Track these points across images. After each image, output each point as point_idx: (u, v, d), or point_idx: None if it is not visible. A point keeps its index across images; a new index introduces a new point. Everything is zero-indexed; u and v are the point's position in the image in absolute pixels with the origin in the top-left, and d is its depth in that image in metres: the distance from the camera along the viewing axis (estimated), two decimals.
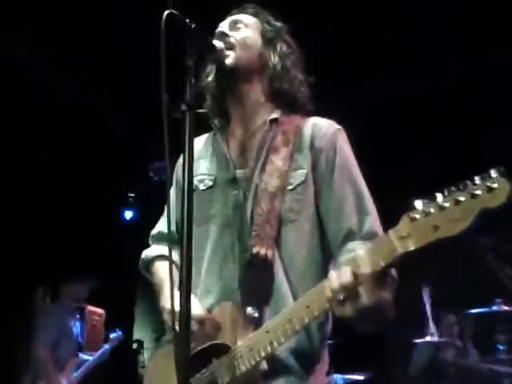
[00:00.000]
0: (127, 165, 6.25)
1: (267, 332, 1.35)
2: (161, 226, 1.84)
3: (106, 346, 5.03)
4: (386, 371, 5.84)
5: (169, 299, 1.26)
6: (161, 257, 1.74)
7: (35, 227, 5.57)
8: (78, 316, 5.03)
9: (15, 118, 5.12)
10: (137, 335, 7.36)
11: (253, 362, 1.36)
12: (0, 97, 4.76)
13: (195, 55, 1.39)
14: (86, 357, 4.92)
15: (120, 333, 5.19)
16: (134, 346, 7.23)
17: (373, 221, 1.50)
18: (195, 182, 1.63)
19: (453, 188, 1.08)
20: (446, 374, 5.15)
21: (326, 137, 1.58)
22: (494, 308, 4.72)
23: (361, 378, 4.89)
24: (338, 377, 4.76)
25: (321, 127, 1.61)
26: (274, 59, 1.64)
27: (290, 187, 1.53)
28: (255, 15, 1.72)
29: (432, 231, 1.09)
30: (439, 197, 1.09)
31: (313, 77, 1.71)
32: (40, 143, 5.46)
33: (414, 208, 1.12)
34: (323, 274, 1.43)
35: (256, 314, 1.44)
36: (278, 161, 1.55)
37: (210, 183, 1.64)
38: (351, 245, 1.46)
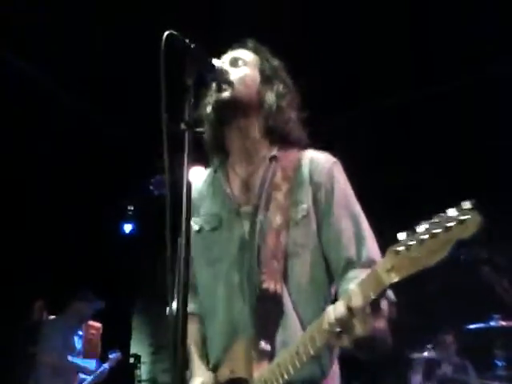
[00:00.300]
0: (127, 178, 6.28)
1: (278, 366, 1.42)
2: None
3: (105, 366, 5.06)
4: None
5: None
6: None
7: (33, 240, 5.58)
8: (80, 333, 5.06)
9: (17, 129, 5.15)
10: (134, 349, 7.33)
11: None
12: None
13: (195, 74, 1.42)
14: (84, 376, 4.95)
15: (119, 353, 5.22)
16: (131, 360, 7.20)
17: (370, 248, 1.56)
18: (200, 222, 1.70)
19: (430, 220, 1.15)
20: None
21: (323, 171, 1.63)
22: (492, 323, 4.72)
23: None
24: None
25: (318, 162, 1.66)
26: (271, 98, 1.68)
27: (293, 222, 1.58)
28: (255, 52, 1.76)
29: (413, 263, 1.17)
30: (418, 229, 1.16)
31: (307, 113, 1.76)
32: (40, 155, 5.48)
33: (397, 241, 1.20)
34: (329, 302, 1.51)
35: (268, 347, 1.49)
36: (280, 197, 1.61)
37: (216, 223, 1.67)
38: (351, 273, 1.53)
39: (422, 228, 1.16)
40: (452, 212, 1.12)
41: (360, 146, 4.80)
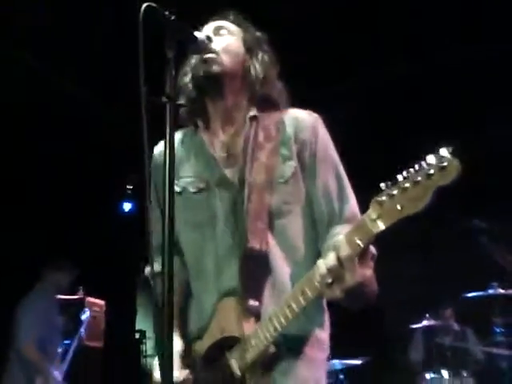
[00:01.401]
0: (125, 157, 6.27)
1: (270, 319, 1.46)
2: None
3: (81, 330, 4.89)
4: (383, 356, 5.89)
5: None
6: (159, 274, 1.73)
7: (32, 220, 5.61)
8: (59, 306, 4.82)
9: (16, 114, 5.14)
10: (139, 325, 7.43)
11: (261, 347, 1.47)
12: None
13: (175, 47, 1.41)
14: (68, 342, 4.81)
15: (88, 312, 4.99)
16: (137, 335, 7.30)
17: (352, 205, 1.62)
18: (182, 184, 1.68)
19: (411, 169, 1.19)
20: (444, 358, 5.21)
21: (308, 128, 1.65)
22: (491, 291, 4.76)
23: (359, 362, 4.95)
24: (336, 362, 4.82)
25: (302, 119, 1.67)
26: (256, 67, 1.69)
27: (281, 180, 1.59)
28: (237, 23, 1.75)
29: (398, 211, 1.21)
30: (400, 178, 1.20)
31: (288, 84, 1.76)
32: (37, 136, 5.48)
33: (380, 191, 1.24)
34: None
35: (256, 304, 1.53)
36: (264, 157, 1.61)
37: (202, 185, 1.67)
38: (335, 229, 1.57)
39: (403, 176, 1.20)
40: (431, 159, 1.15)
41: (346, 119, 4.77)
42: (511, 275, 4.73)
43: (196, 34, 1.55)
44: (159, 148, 1.74)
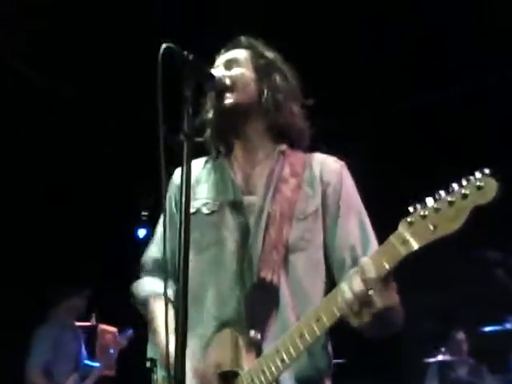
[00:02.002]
0: (140, 183, 6.33)
1: (277, 351, 1.38)
2: (153, 253, 1.83)
3: (111, 351, 4.88)
4: None
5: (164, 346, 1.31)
6: (157, 296, 1.69)
7: (47, 246, 5.64)
8: (77, 331, 4.86)
9: (28, 136, 5.22)
10: (150, 354, 7.36)
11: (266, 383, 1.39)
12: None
13: (193, 85, 1.44)
14: (90, 364, 4.79)
15: (130, 331, 4.97)
16: (148, 364, 7.23)
17: (374, 249, 1.55)
18: (197, 205, 1.66)
19: (441, 192, 1.15)
20: None
21: (333, 171, 1.66)
22: (508, 326, 4.68)
23: None
24: None
25: (328, 162, 1.69)
26: (267, 94, 1.68)
27: (301, 216, 1.58)
28: (248, 48, 1.76)
29: (431, 231, 1.16)
30: (430, 201, 1.16)
31: (311, 102, 1.75)
32: (54, 158, 5.53)
33: (408, 213, 1.19)
34: None
35: (258, 337, 1.46)
36: (288, 191, 1.61)
37: (215, 208, 1.65)
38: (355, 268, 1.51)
39: (433, 198, 1.16)
40: (465, 181, 1.12)
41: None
42: None
43: (213, 72, 1.60)
44: (178, 172, 1.74)
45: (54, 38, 4.41)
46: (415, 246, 1.18)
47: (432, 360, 5.29)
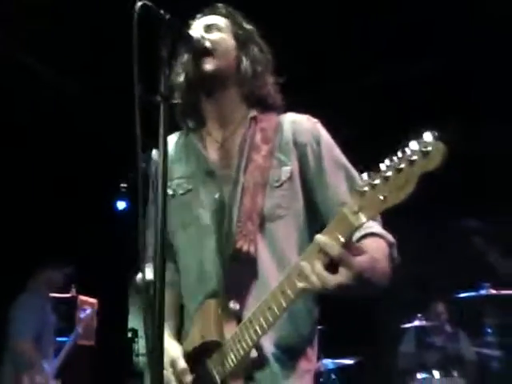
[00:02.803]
0: (119, 155, 6.26)
1: (250, 322, 1.40)
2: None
3: (78, 329, 4.93)
4: (375, 356, 5.91)
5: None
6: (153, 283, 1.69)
7: (25, 219, 5.58)
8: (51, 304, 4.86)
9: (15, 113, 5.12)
10: (131, 324, 7.41)
11: (242, 353, 1.42)
12: None
13: (169, 45, 1.40)
14: (63, 339, 4.84)
15: (89, 310, 5.07)
16: (129, 334, 7.28)
17: None
18: (173, 186, 1.66)
19: (393, 157, 1.13)
20: (436, 358, 5.23)
21: (307, 131, 1.62)
22: (483, 292, 4.79)
23: (351, 362, 4.96)
24: (328, 362, 4.83)
25: (300, 123, 1.65)
26: (246, 63, 1.66)
27: (276, 184, 1.56)
28: (227, 17, 1.73)
29: (381, 202, 1.15)
30: (382, 167, 1.14)
31: (283, 78, 1.73)
32: (30, 134, 5.46)
33: (361, 181, 1.18)
34: None
35: (237, 307, 1.48)
36: (260, 159, 1.58)
37: (190, 186, 1.65)
38: None
39: (385, 165, 1.14)
40: (414, 145, 1.09)
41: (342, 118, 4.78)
42: (503, 276, 4.76)
43: (191, 32, 1.56)
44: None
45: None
46: (363, 218, 1.18)
47: (409, 325, 5.40)
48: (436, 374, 5.02)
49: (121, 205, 7.17)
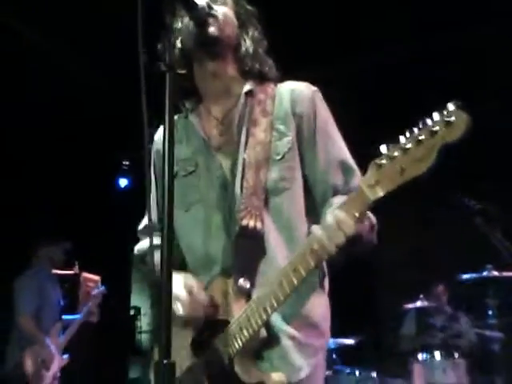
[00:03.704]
0: (122, 133, 6.23)
1: (260, 300, 1.38)
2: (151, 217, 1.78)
3: (89, 304, 4.93)
4: (377, 336, 5.94)
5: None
6: (157, 247, 1.69)
7: (28, 196, 5.58)
8: (56, 279, 4.91)
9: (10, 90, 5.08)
10: (134, 301, 7.45)
11: (251, 331, 1.39)
12: None
13: (174, 12, 1.38)
14: (70, 317, 4.86)
15: (102, 288, 5.07)
16: (132, 312, 7.33)
17: (358, 178, 1.52)
18: (175, 168, 1.62)
19: (414, 128, 1.09)
20: (437, 339, 5.25)
21: (305, 100, 1.60)
22: (485, 274, 4.77)
23: (352, 341, 4.98)
24: (329, 341, 4.84)
25: (299, 91, 1.62)
26: (247, 42, 1.65)
27: (278, 157, 1.55)
28: None
29: (399, 174, 1.11)
30: (402, 139, 1.10)
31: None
32: (33, 112, 5.43)
33: (380, 154, 1.14)
34: None
35: (248, 285, 1.46)
36: (260, 133, 1.57)
37: (192, 168, 1.64)
38: (337, 199, 1.49)
39: (404, 137, 1.10)
40: (436, 116, 1.06)
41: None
42: (506, 258, 4.74)
43: (197, 0, 1.52)
44: (160, 132, 1.71)
45: None
46: (381, 192, 1.15)
47: (410, 306, 5.41)
48: (437, 354, 5.03)
49: (123, 182, 7.17)
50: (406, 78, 5.15)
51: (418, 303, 5.31)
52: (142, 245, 1.80)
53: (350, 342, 4.99)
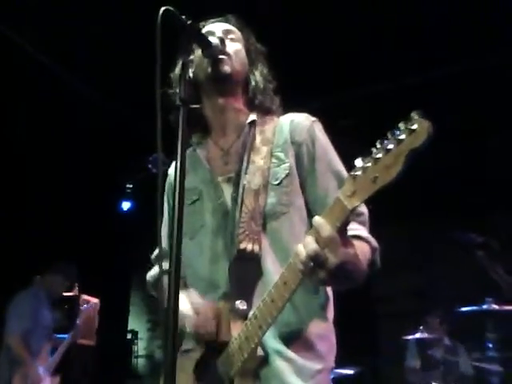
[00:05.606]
0: (125, 156, 6.29)
1: (255, 318, 1.41)
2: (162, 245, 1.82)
3: (78, 322, 4.92)
4: (376, 366, 5.90)
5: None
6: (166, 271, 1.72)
7: (30, 219, 5.60)
8: (50, 303, 4.88)
9: (15, 109, 5.14)
10: (131, 325, 7.42)
11: (248, 350, 1.42)
12: None
13: (190, 50, 1.43)
14: (61, 336, 4.85)
15: (91, 303, 5.08)
16: (129, 336, 7.29)
17: None
18: None
19: (384, 139, 1.16)
20: (436, 370, 5.22)
21: (304, 130, 1.65)
22: (485, 307, 4.76)
23: (351, 372, 4.95)
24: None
25: (298, 121, 1.68)
26: (257, 77, 1.72)
27: (275, 182, 1.59)
28: (241, 30, 1.77)
29: (372, 183, 1.17)
30: (373, 150, 1.17)
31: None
32: (38, 132, 5.48)
33: (355, 167, 1.21)
34: None
35: (244, 306, 1.49)
36: (260, 160, 1.62)
37: (196, 197, 1.70)
38: None
39: (376, 148, 1.17)
40: (401, 125, 1.12)
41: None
42: (506, 292, 4.74)
43: (211, 39, 1.58)
44: (173, 166, 1.76)
45: None
46: (356, 202, 1.20)
47: (410, 337, 5.39)
48: None
49: (126, 205, 7.20)
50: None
51: (418, 334, 5.30)
52: (154, 271, 1.86)
53: (349, 372, 4.95)
